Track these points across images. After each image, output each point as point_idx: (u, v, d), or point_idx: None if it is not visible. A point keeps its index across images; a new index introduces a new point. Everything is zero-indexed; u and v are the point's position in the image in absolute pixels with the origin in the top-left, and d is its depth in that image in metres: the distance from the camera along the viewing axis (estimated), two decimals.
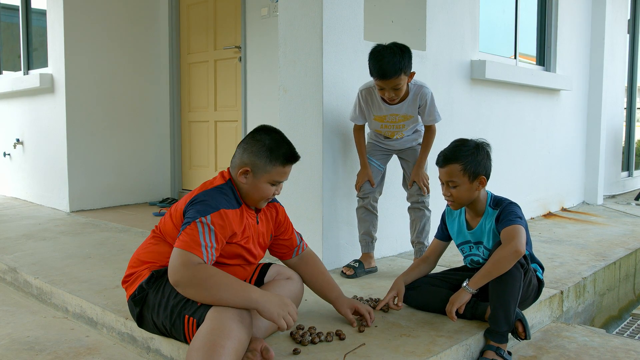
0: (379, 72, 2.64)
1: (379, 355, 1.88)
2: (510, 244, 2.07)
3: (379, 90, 2.73)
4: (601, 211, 5.37)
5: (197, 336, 1.69)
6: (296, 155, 2.01)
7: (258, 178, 1.98)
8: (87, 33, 5.00)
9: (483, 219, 2.30)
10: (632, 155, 7.48)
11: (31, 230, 4.11)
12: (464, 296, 2.16)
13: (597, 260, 3.38)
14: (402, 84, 2.67)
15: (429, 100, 2.83)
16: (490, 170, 2.29)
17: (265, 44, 4.64)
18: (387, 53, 2.62)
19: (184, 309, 1.83)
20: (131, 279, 2.03)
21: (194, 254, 1.76)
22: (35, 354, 2.18)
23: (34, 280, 2.88)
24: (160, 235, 2.03)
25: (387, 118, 2.87)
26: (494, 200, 2.30)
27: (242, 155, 2.01)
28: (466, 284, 2.16)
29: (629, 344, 2.37)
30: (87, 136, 5.05)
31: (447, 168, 2.25)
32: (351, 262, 2.94)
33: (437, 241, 2.50)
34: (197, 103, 5.44)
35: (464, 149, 2.24)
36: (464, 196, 2.25)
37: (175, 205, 2.02)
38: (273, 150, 1.97)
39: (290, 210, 3.10)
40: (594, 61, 5.74)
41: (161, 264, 1.98)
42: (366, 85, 2.87)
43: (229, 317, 1.70)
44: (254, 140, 2.00)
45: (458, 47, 3.89)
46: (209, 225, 1.81)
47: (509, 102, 4.56)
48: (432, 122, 2.88)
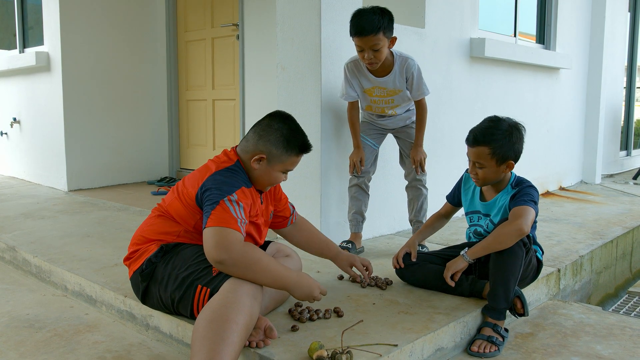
0: (357, 29, 2.60)
1: (377, 332, 1.89)
2: (516, 222, 2.07)
3: (359, 52, 2.68)
4: (599, 190, 5.38)
5: (210, 306, 1.69)
6: (309, 145, 2.05)
7: (272, 166, 2.00)
8: (83, 10, 4.95)
9: (500, 194, 2.29)
10: (631, 134, 7.48)
11: (29, 209, 4.10)
12: (460, 263, 2.20)
13: (594, 239, 3.40)
14: (380, 44, 2.62)
15: (416, 72, 2.79)
16: (520, 154, 2.25)
17: (263, 21, 4.60)
18: (366, 12, 2.60)
19: (197, 279, 1.84)
20: (135, 255, 2.04)
21: (232, 229, 1.77)
22: (35, 332, 2.20)
23: (33, 259, 2.88)
24: (168, 215, 2.02)
25: (375, 92, 2.84)
26: (516, 180, 2.29)
27: (257, 142, 2.00)
28: (464, 252, 2.20)
29: (625, 321, 2.39)
30: (85, 115, 5.03)
31: (475, 149, 2.21)
32: (343, 244, 2.90)
33: (449, 205, 2.54)
34: (195, 82, 5.41)
35: (496, 132, 2.18)
36: (489, 177, 2.24)
37: (182, 186, 2.00)
38: (290, 140, 1.99)
39: (289, 189, 3.10)
40: (594, 40, 5.70)
41: (169, 241, 1.99)
42: (351, 58, 2.85)
43: (245, 293, 1.71)
44: (272, 128, 2.00)
45: (457, 25, 3.86)
46: (237, 202, 1.83)
47: (509, 80, 4.53)
48: (420, 96, 2.84)
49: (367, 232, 3.15)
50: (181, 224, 1.98)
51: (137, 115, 5.42)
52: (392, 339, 1.83)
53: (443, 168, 3.70)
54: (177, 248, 1.97)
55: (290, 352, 1.73)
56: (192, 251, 1.93)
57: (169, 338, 2.07)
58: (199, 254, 1.89)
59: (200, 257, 1.88)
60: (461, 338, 2.06)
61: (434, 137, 3.63)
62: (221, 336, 1.60)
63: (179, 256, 1.93)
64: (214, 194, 1.84)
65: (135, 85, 5.39)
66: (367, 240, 3.15)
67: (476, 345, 2.03)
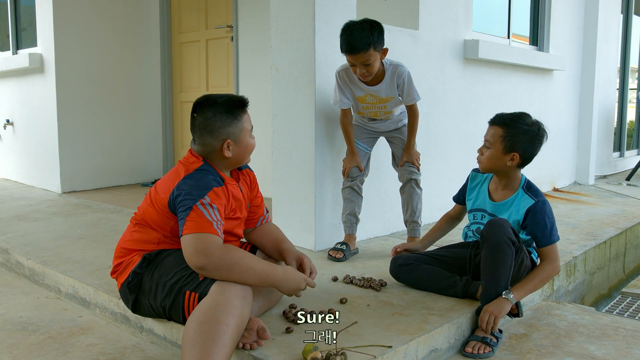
0: (347, 47, 2.61)
1: (372, 333, 1.89)
2: (554, 265, 2.24)
3: (351, 66, 2.70)
4: (592, 191, 5.40)
5: (199, 309, 1.68)
6: (244, 98, 2.08)
7: (239, 139, 2.01)
8: (76, 12, 4.93)
9: (513, 197, 2.28)
10: (624, 135, 7.52)
11: (23, 212, 4.09)
12: (506, 307, 2.09)
13: (587, 240, 3.41)
14: (372, 59, 2.63)
15: (406, 78, 2.80)
16: (530, 155, 2.26)
17: (258, 23, 4.60)
18: (356, 28, 2.60)
19: (185, 285, 1.82)
20: (120, 268, 2.01)
21: (210, 233, 1.76)
22: (29, 334, 2.19)
23: (26, 261, 2.87)
24: (144, 223, 2.00)
25: (367, 99, 2.85)
26: (527, 184, 2.30)
27: (212, 137, 1.97)
28: (506, 293, 2.09)
29: (618, 321, 2.40)
30: (78, 116, 5.01)
31: (492, 128, 2.26)
32: (337, 245, 2.89)
33: (457, 205, 2.56)
34: (189, 83, 5.40)
35: (519, 120, 2.23)
36: (490, 161, 2.26)
37: (154, 193, 1.97)
38: (229, 109, 2.00)
39: (283, 191, 3.12)
40: (587, 41, 5.72)
41: (150, 249, 1.97)
42: (343, 66, 2.85)
43: (234, 294, 1.70)
44: (209, 118, 1.98)
45: (451, 27, 3.87)
46: (210, 204, 1.81)
47: (502, 81, 4.55)
48: (411, 102, 2.85)
49: (362, 234, 3.15)
50: (158, 230, 1.96)
51: (131, 117, 5.41)
52: (387, 340, 1.83)
53: (437, 169, 3.71)
54: (160, 256, 1.94)
55: (284, 354, 1.73)
56: (176, 258, 1.90)
57: (162, 340, 2.06)
58: (182, 259, 1.86)
59: (184, 263, 1.85)
60: (455, 339, 2.06)
61: (428, 138, 3.63)
62: (212, 338, 1.59)
63: (163, 264, 1.91)
64: (186, 199, 1.82)
65: (129, 86, 5.37)
66: (361, 241, 3.15)
67: (470, 346, 2.03)
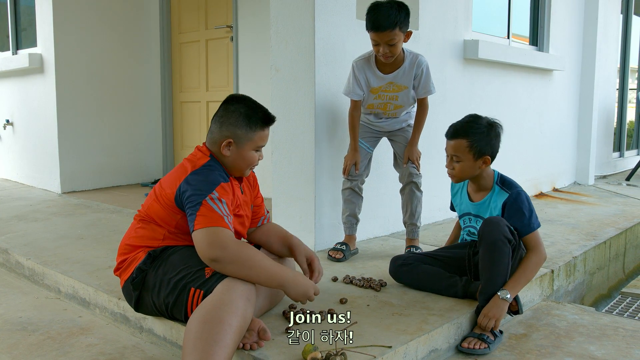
0: (373, 25, 2.60)
1: (371, 333, 1.89)
2: (537, 251, 2.21)
3: (374, 46, 2.68)
4: (592, 191, 5.40)
5: (203, 307, 1.68)
6: (272, 117, 2.05)
7: (242, 147, 1.99)
8: (76, 11, 4.93)
9: (489, 195, 2.31)
10: (624, 135, 7.51)
11: (22, 212, 4.09)
12: (503, 307, 2.08)
13: (587, 240, 3.41)
14: (396, 39, 2.62)
15: (425, 69, 2.81)
16: (496, 151, 2.30)
17: (257, 23, 4.60)
18: (383, 7, 2.59)
19: (190, 282, 1.82)
20: (124, 265, 2.01)
21: (221, 227, 1.77)
22: (29, 334, 2.19)
23: (26, 261, 2.87)
24: (149, 219, 2.00)
25: (382, 88, 2.83)
26: (500, 179, 2.32)
27: (220, 129, 2.00)
28: (501, 292, 2.09)
29: (618, 321, 2.40)
30: (78, 117, 5.01)
31: (454, 142, 2.26)
32: (337, 245, 2.89)
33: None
34: (189, 83, 5.40)
35: (475, 126, 2.25)
36: (465, 172, 2.28)
37: (160, 188, 1.98)
38: (250, 116, 1.99)
39: (282, 191, 3.11)
40: (586, 41, 5.72)
41: (155, 245, 1.98)
42: (360, 56, 2.84)
43: (238, 294, 1.71)
44: (229, 112, 2.00)
45: (451, 27, 3.87)
46: (220, 199, 1.83)
47: (502, 82, 4.55)
48: (426, 94, 2.85)
49: (361, 234, 3.15)
50: (163, 226, 1.97)
51: (131, 117, 5.41)
52: (386, 341, 1.83)
53: (436, 169, 3.70)
54: (165, 253, 1.95)
55: (284, 354, 1.73)
56: (181, 254, 1.91)
57: (162, 340, 2.06)
58: (188, 256, 1.87)
59: (190, 260, 1.86)
60: (455, 339, 2.06)
61: (427, 139, 3.62)
62: (214, 338, 1.59)
63: (168, 261, 1.91)
64: (195, 194, 1.83)
65: (129, 86, 5.37)
66: (361, 241, 3.15)
67: (466, 342, 2.04)
